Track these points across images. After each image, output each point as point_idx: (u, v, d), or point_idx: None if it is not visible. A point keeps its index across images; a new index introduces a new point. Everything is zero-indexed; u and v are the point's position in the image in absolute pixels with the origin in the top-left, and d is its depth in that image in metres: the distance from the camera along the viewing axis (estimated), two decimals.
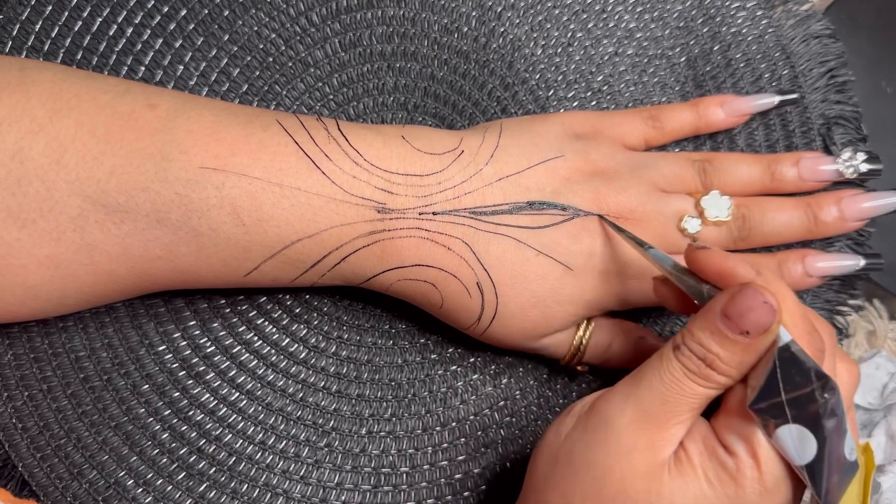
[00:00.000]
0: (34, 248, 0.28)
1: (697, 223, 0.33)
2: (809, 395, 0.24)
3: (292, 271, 0.31)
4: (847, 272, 0.35)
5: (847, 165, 0.35)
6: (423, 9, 0.38)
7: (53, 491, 0.33)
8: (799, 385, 0.24)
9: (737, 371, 0.25)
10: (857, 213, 0.35)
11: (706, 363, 0.25)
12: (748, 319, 0.24)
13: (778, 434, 0.24)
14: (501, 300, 0.31)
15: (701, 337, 0.25)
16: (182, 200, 0.29)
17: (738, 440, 0.25)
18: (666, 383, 0.26)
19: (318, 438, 0.35)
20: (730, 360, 0.25)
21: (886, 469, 0.35)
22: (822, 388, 0.24)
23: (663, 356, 0.26)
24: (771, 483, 0.25)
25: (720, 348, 0.25)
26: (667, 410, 0.26)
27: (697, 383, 0.26)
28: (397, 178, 0.31)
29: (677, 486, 0.25)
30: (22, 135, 0.28)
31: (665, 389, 0.26)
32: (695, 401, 0.26)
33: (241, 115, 0.30)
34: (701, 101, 0.36)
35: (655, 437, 0.26)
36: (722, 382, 0.26)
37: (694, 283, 0.27)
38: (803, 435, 0.24)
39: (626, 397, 0.26)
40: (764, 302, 0.24)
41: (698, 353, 0.25)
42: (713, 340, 0.25)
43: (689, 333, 0.26)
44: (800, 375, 0.24)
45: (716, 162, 0.35)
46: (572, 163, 0.32)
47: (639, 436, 0.26)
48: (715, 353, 0.25)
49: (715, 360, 0.25)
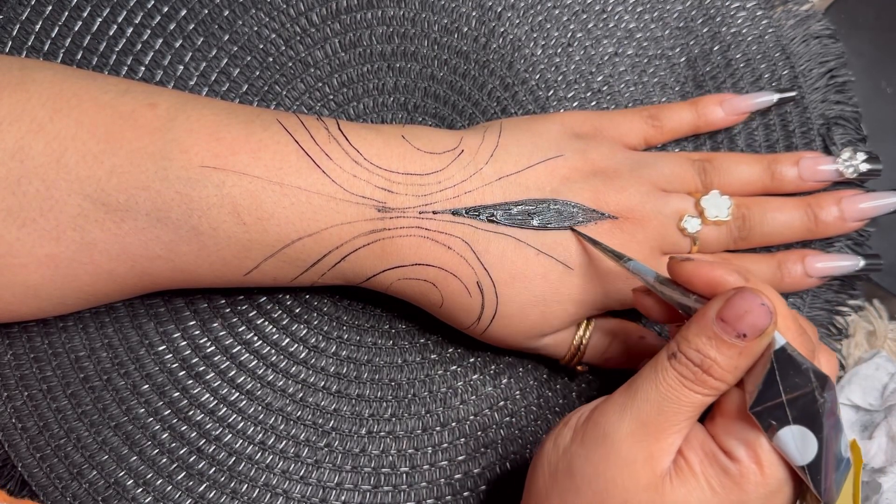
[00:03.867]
0: (34, 246, 0.28)
1: (697, 223, 0.33)
2: (809, 396, 0.24)
3: (292, 270, 0.31)
4: (846, 273, 0.35)
5: (847, 165, 0.35)
6: (423, 9, 0.38)
7: (53, 491, 0.33)
8: (798, 386, 0.24)
9: (733, 376, 0.25)
10: (857, 213, 0.35)
11: (703, 369, 0.25)
12: (745, 321, 0.24)
13: (779, 436, 0.24)
14: (501, 299, 0.31)
15: (697, 342, 0.25)
16: (182, 199, 0.29)
17: (739, 444, 0.25)
18: (662, 393, 0.26)
19: (318, 438, 0.35)
20: (726, 365, 0.25)
21: (888, 470, 0.35)
22: (821, 387, 0.24)
23: (658, 365, 0.26)
24: (774, 485, 0.25)
25: (717, 353, 0.25)
26: (664, 420, 0.26)
27: (694, 390, 0.25)
28: (397, 178, 0.31)
29: (680, 495, 0.25)
30: (22, 134, 0.28)
31: (661, 399, 0.26)
32: (691, 409, 0.26)
33: (241, 115, 0.30)
34: (700, 100, 0.36)
35: (654, 448, 0.26)
36: (718, 388, 0.25)
37: (679, 294, 0.27)
38: (804, 435, 0.24)
39: (623, 408, 0.26)
40: (761, 304, 0.24)
41: (695, 359, 0.25)
42: (710, 345, 0.25)
43: (684, 340, 0.26)
44: (798, 377, 0.24)
45: (716, 162, 0.35)
46: (572, 162, 0.32)
47: (638, 448, 0.26)
48: (712, 358, 0.25)
49: (712, 366, 0.25)
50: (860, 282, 0.38)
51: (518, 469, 0.35)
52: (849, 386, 0.37)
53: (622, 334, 0.34)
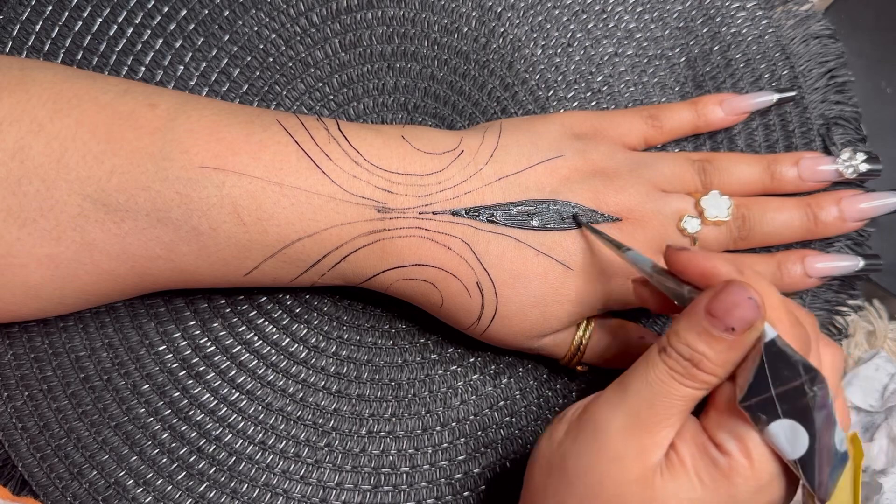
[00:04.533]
0: (34, 247, 0.28)
1: (697, 223, 0.33)
2: (799, 389, 0.24)
3: (292, 270, 0.31)
4: (846, 273, 0.35)
5: (846, 165, 0.35)
6: (423, 9, 0.38)
7: (53, 491, 0.33)
8: (788, 379, 0.24)
9: (723, 369, 0.25)
10: (856, 213, 0.35)
11: (693, 363, 0.25)
12: (733, 316, 0.24)
13: (770, 429, 0.24)
14: (501, 300, 0.31)
15: (687, 337, 0.25)
16: (182, 199, 0.29)
17: (730, 438, 0.25)
18: (653, 387, 0.26)
19: (318, 438, 0.35)
20: (716, 359, 0.25)
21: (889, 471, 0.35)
22: (811, 381, 0.24)
23: (649, 360, 0.26)
24: (765, 479, 0.25)
25: (707, 347, 0.25)
26: (655, 414, 0.26)
27: (684, 384, 0.25)
28: (397, 178, 0.31)
29: (671, 489, 0.25)
30: (22, 134, 0.28)
31: (652, 393, 0.26)
32: (682, 403, 0.26)
33: (241, 115, 0.30)
34: (700, 100, 0.36)
35: (645, 442, 0.26)
36: (709, 382, 0.25)
37: (674, 284, 0.27)
38: (795, 429, 0.24)
39: (615, 403, 0.26)
40: (748, 297, 0.24)
41: (685, 353, 0.25)
42: (699, 340, 0.25)
43: (674, 334, 0.26)
44: (788, 370, 0.24)
45: (715, 162, 0.35)
46: (572, 162, 0.32)
47: (629, 442, 0.26)
48: (701, 352, 0.25)
49: (702, 360, 0.25)
50: (860, 282, 0.38)
51: (518, 469, 0.35)
52: (849, 387, 0.37)
53: (622, 334, 0.34)
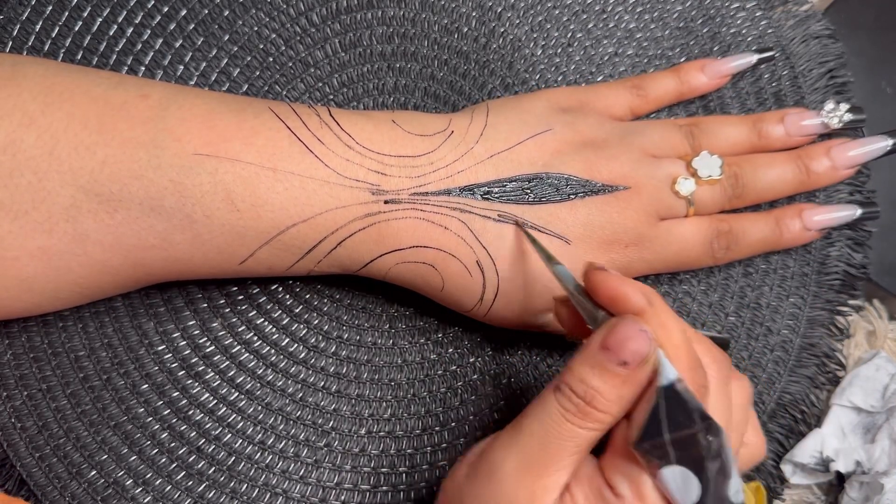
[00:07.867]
0: (26, 239, 0.28)
1: (692, 183, 0.33)
2: (693, 438, 0.23)
3: (288, 258, 0.31)
4: (845, 222, 0.36)
5: (831, 116, 0.36)
6: (423, 9, 0.38)
7: (52, 491, 0.33)
8: (683, 426, 0.23)
9: (617, 406, 0.24)
10: (847, 160, 0.35)
11: (586, 401, 0.24)
12: (626, 349, 0.24)
13: (662, 475, 0.23)
14: (502, 276, 0.31)
15: (581, 371, 0.25)
16: (176, 187, 0.29)
17: (623, 481, 0.24)
18: (545, 428, 0.25)
19: (318, 438, 0.35)
20: (609, 395, 0.24)
21: (890, 471, 0.35)
22: (706, 430, 0.23)
23: (543, 400, 0.25)
24: None
25: (600, 381, 0.24)
26: (547, 456, 0.25)
27: (576, 424, 0.25)
28: (390, 160, 0.31)
29: None
30: (14, 128, 0.28)
31: (544, 434, 0.25)
32: (575, 444, 0.25)
33: (233, 104, 0.30)
34: (682, 67, 0.37)
35: (536, 486, 0.25)
36: (603, 421, 0.25)
37: (591, 307, 0.26)
38: (686, 477, 0.23)
39: (509, 444, 0.26)
40: (640, 330, 0.24)
41: (578, 390, 0.24)
42: (593, 374, 0.24)
43: (568, 371, 0.25)
44: (683, 416, 0.23)
45: (702, 125, 0.35)
46: (561, 135, 0.33)
47: (520, 484, 0.25)
48: (595, 387, 0.24)
49: (595, 396, 0.24)
50: (860, 282, 0.38)
51: None
52: (850, 388, 0.37)
53: None
